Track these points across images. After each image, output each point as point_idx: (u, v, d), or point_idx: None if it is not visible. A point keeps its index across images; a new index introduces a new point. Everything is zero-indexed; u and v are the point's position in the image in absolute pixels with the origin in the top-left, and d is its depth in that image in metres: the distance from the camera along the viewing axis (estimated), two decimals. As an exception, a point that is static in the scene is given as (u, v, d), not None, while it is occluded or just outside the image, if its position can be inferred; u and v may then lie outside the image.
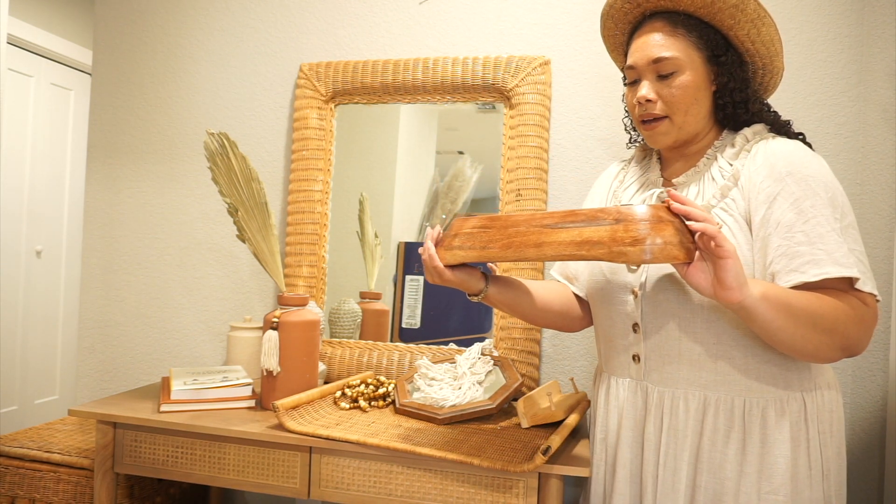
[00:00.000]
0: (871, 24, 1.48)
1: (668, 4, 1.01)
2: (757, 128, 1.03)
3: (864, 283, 0.89)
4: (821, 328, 0.87)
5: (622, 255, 0.82)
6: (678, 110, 1.01)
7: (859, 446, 1.48)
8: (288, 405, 1.25)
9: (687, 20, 1.01)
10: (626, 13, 1.07)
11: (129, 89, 1.94)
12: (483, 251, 0.97)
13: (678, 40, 1.00)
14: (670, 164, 1.12)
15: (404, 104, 1.72)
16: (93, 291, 1.95)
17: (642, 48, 1.02)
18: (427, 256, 1.02)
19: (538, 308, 1.17)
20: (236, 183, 1.38)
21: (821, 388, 0.99)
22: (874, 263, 1.46)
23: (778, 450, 0.95)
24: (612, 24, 1.10)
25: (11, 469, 1.52)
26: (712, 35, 1.01)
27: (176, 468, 1.29)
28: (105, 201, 1.95)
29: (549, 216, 0.92)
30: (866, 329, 0.91)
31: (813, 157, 0.96)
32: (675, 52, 0.99)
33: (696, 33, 1.00)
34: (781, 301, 0.85)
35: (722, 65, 1.01)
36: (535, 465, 1.05)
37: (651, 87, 1.01)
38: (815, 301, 0.88)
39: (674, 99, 1.00)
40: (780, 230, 0.92)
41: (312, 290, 1.71)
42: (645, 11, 1.05)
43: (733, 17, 0.98)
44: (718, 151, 1.04)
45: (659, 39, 1.00)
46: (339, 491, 1.20)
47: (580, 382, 1.62)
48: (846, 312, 0.89)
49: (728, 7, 0.97)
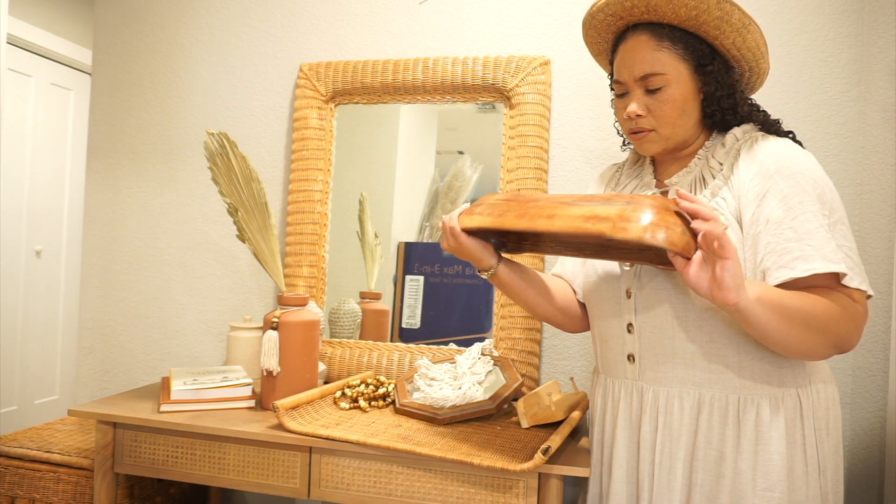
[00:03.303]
0: (871, 24, 1.48)
1: (652, 17, 1.01)
2: (746, 127, 1.04)
3: (851, 280, 0.91)
4: (814, 328, 0.88)
5: (623, 229, 0.82)
6: (666, 123, 1.02)
7: (859, 446, 1.48)
8: (288, 405, 1.25)
9: (672, 32, 1.00)
10: (609, 25, 1.07)
11: (129, 89, 1.94)
12: (499, 218, 1.01)
13: (664, 54, 1.00)
14: (663, 167, 1.13)
15: (404, 104, 1.72)
16: (93, 291, 1.95)
17: (629, 64, 1.02)
18: (447, 217, 1.07)
19: (542, 297, 1.18)
20: (236, 183, 1.38)
21: (815, 384, 0.99)
22: (874, 263, 1.46)
23: (773, 446, 0.95)
24: (595, 33, 1.10)
25: (11, 469, 1.52)
26: (698, 45, 1.01)
27: (176, 468, 1.29)
28: (105, 201, 1.95)
29: (570, 196, 0.95)
30: (857, 325, 0.92)
31: (802, 154, 0.97)
32: (661, 67, 0.99)
33: (682, 45, 1.00)
34: (775, 303, 0.86)
35: (709, 74, 1.01)
36: (535, 464, 1.05)
37: (639, 102, 1.02)
38: (808, 302, 0.88)
39: (662, 113, 1.01)
40: (769, 227, 0.93)
41: (312, 290, 1.71)
42: (628, 23, 1.05)
43: (718, 27, 0.98)
44: (709, 152, 1.05)
45: (644, 54, 1.00)
46: (339, 491, 1.20)
47: (580, 382, 1.62)
48: (837, 311, 0.90)
49: (713, 19, 0.97)
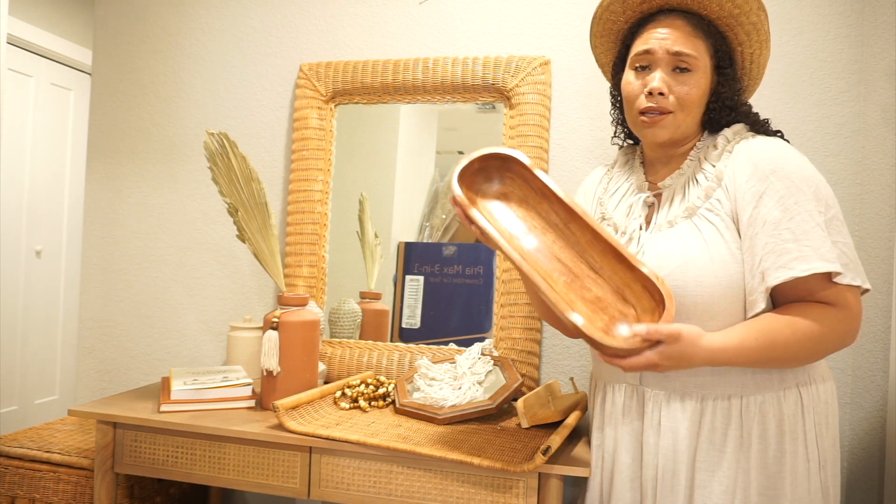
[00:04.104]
0: (871, 24, 1.48)
1: (693, 4, 1.02)
2: (737, 128, 1.05)
3: (844, 277, 0.92)
4: (802, 348, 0.93)
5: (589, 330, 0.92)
6: (685, 108, 1.02)
7: (859, 446, 1.48)
8: (288, 405, 1.25)
9: (706, 27, 1.02)
10: (643, 1, 1.04)
11: (129, 89, 1.94)
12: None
13: (698, 41, 1.01)
14: (654, 168, 1.12)
15: (404, 104, 1.72)
16: (93, 291, 1.95)
17: (664, 37, 1.00)
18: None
19: None
20: (236, 183, 1.38)
21: (815, 382, 1.01)
22: (874, 263, 1.46)
23: (776, 445, 0.95)
24: (620, 8, 1.07)
25: (11, 469, 1.52)
26: (723, 46, 1.03)
27: (176, 468, 1.29)
28: (105, 201, 1.95)
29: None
30: (850, 324, 0.95)
31: (794, 153, 0.98)
32: (696, 51, 1.00)
33: (712, 41, 1.02)
34: (748, 348, 0.92)
35: (724, 76, 1.03)
36: (535, 465, 1.05)
37: (664, 79, 1.00)
38: (782, 329, 0.92)
39: (687, 97, 1.01)
40: (767, 228, 0.93)
41: (312, 290, 1.71)
42: (664, 5, 1.04)
43: (748, 34, 1.02)
44: (701, 153, 1.05)
45: (681, 34, 1.00)
46: (339, 491, 1.20)
47: (580, 382, 1.62)
48: (827, 319, 0.93)
49: (748, 23, 1.00)
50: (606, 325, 0.96)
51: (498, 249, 1.02)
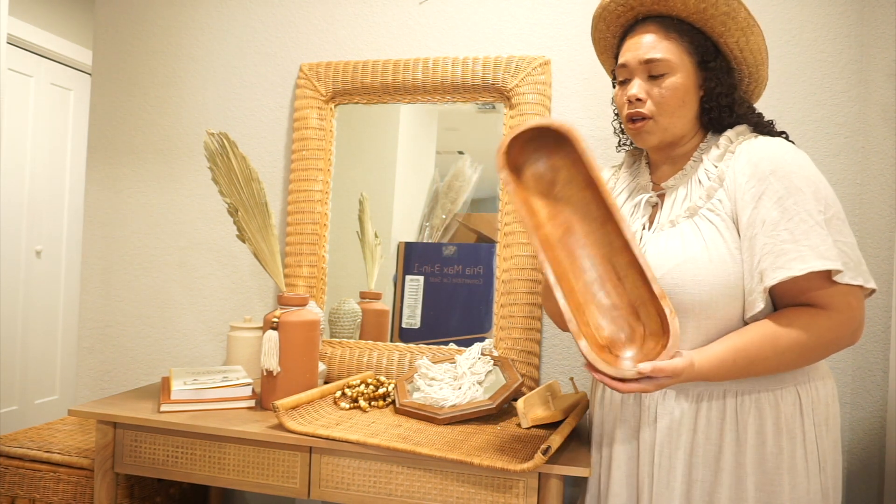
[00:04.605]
0: (871, 24, 1.48)
1: (661, 9, 1.03)
2: (740, 128, 1.05)
3: (844, 275, 0.91)
4: (783, 360, 0.94)
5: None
6: (665, 111, 1.03)
7: (859, 446, 1.48)
8: (288, 405, 1.25)
9: (679, 25, 1.03)
10: (619, 16, 1.08)
11: (129, 89, 1.94)
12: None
13: (671, 43, 1.02)
14: (658, 168, 1.14)
15: (404, 104, 1.72)
16: (93, 291, 1.95)
17: (635, 48, 1.04)
18: None
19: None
20: (236, 183, 1.38)
21: (814, 381, 1.00)
22: (874, 263, 1.46)
23: (773, 442, 0.96)
24: (604, 25, 1.12)
25: (11, 469, 1.52)
26: (703, 41, 1.03)
27: (176, 468, 1.29)
28: (105, 201, 1.95)
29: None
30: (844, 328, 0.94)
31: (795, 153, 0.98)
32: (666, 54, 1.02)
33: (688, 38, 1.03)
34: (727, 368, 0.93)
35: (711, 70, 1.04)
36: (535, 464, 1.05)
37: (641, 86, 1.03)
38: (769, 344, 0.93)
39: (663, 100, 1.02)
40: (765, 229, 0.94)
41: (312, 290, 1.71)
42: (637, 15, 1.07)
43: (724, 24, 1.01)
44: (704, 154, 1.06)
45: (651, 41, 1.03)
46: (339, 491, 1.20)
47: (580, 382, 1.62)
48: (815, 328, 0.93)
49: (719, 14, 1.00)
50: (609, 341, 0.96)
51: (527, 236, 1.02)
